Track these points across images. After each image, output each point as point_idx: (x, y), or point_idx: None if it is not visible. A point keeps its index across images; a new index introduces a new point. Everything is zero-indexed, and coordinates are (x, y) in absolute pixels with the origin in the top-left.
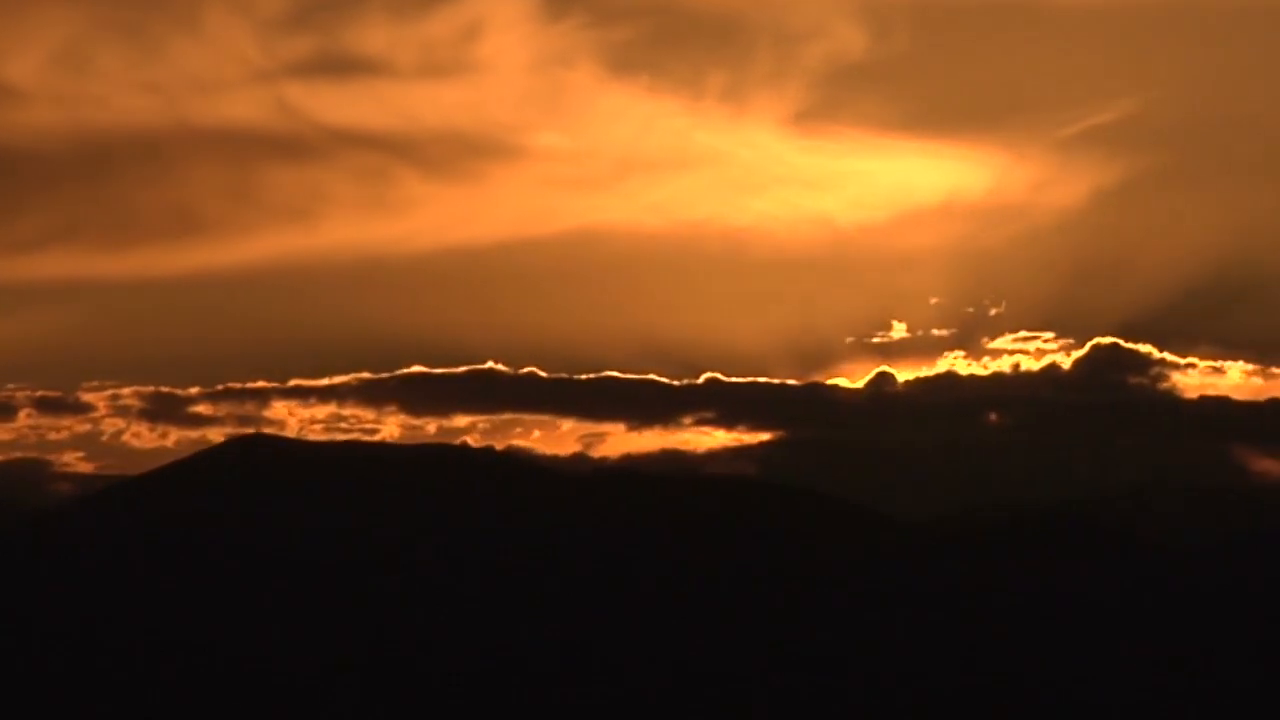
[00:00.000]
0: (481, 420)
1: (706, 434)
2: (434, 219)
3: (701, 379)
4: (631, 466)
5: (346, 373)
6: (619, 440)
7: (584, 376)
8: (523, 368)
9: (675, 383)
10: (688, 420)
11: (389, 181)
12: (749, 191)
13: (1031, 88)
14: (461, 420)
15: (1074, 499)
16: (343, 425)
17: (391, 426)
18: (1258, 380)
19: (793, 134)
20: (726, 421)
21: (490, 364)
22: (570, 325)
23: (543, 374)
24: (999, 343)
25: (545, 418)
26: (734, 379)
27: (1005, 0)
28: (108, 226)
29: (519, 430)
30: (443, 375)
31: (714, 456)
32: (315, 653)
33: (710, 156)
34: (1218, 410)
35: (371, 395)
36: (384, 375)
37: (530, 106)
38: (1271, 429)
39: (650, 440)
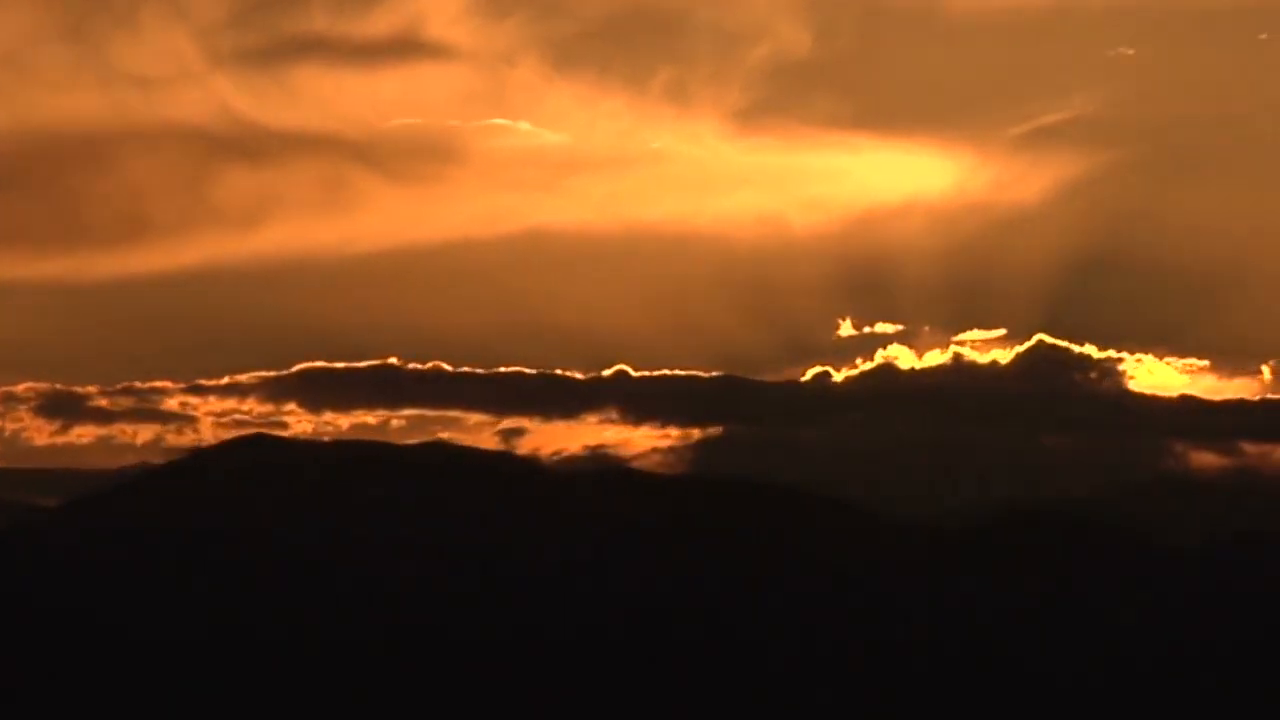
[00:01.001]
0: (390, 415)
1: (630, 430)
2: (378, 219)
3: (609, 371)
4: (621, 465)
5: (249, 370)
6: (538, 436)
7: (483, 371)
8: (429, 362)
9: (579, 376)
10: (594, 417)
11: (332, 181)
12: (696, 189)
13: (981, 86)
14: (368, 416)
15: (1074, 499)
16: (243, 421)
17: (305, 424)
18: (1213, 379)
19: (739, 131)
20: (637, 417)
21: (392, 359)
22: (488, 321)
23: (448, 367)
24: (945, 340)
25: (455, 413)
26: (643, 372)
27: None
28: (48, 228)
29: (439, 426)
30: (345, 370)
31: (643, 455)
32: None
33: (656, 154)
34: (1172, 410)
35: (271, 392)
36: (283, 372)
37: (474, 104)
38: (1228, 429)
39: (572, 436)
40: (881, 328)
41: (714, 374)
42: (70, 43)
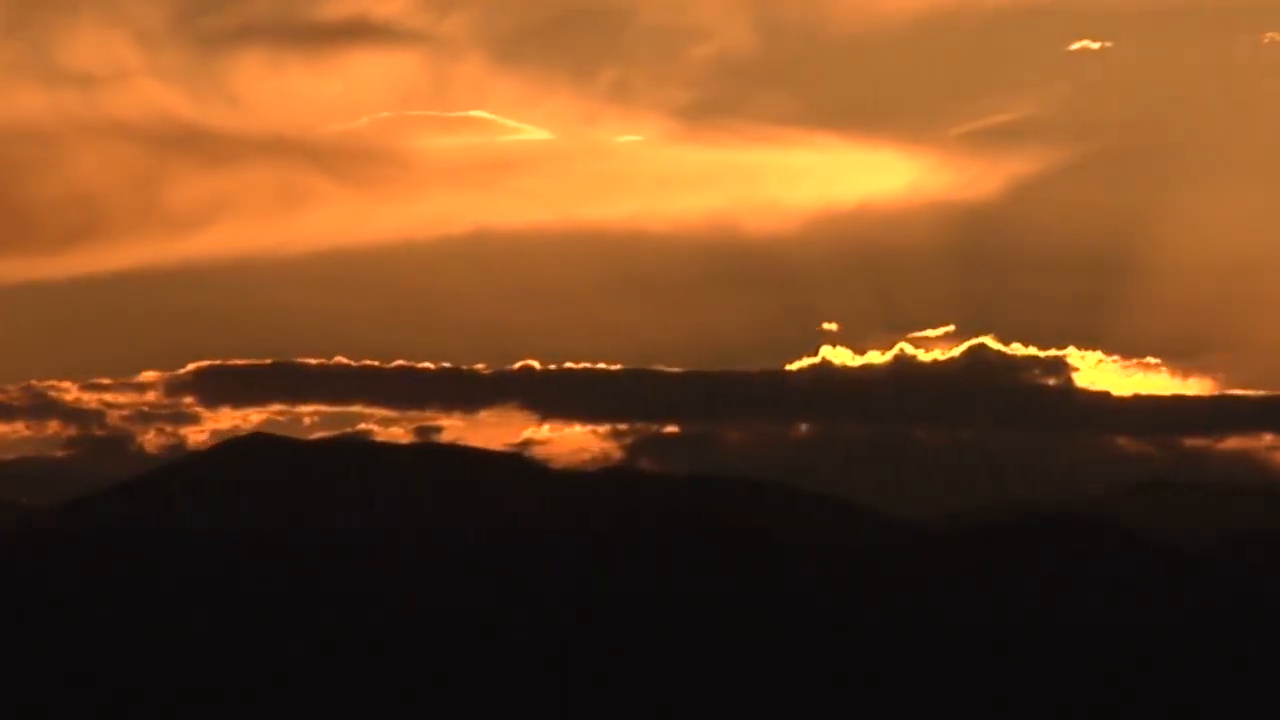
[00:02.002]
0: (286, 410)
1: (563, 427)
2: (322, 218)
3: (516, 366)
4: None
5: (142, 370)
6: (454, 431)
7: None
8: (333, 358)
9: (481, 369)
10: (507, 408)
11: (274, 181)
12: (639, 188)
13: (926, 87)
14: (267, 412)
15: (1074, 499)
16: (147, 415)
17: (209, 421)
18: (1164, 377)
19: (686, 129)
20: (565, 415)
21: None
22: (429, 320)
23: (349, 362)
24: (887, 340)
25: (368, 410)
26: (550, 367)
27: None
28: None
29: (359, 422)
30: (241, 367)
31: (574, 452)
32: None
33: (599, 152)
34: (1121, 407)
35: (169, 389)
36: (178, 371)
37: (417, 102)
38: (1177, 426)
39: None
40: (828, 326)
41: (613, 367)
42: (14, 39)
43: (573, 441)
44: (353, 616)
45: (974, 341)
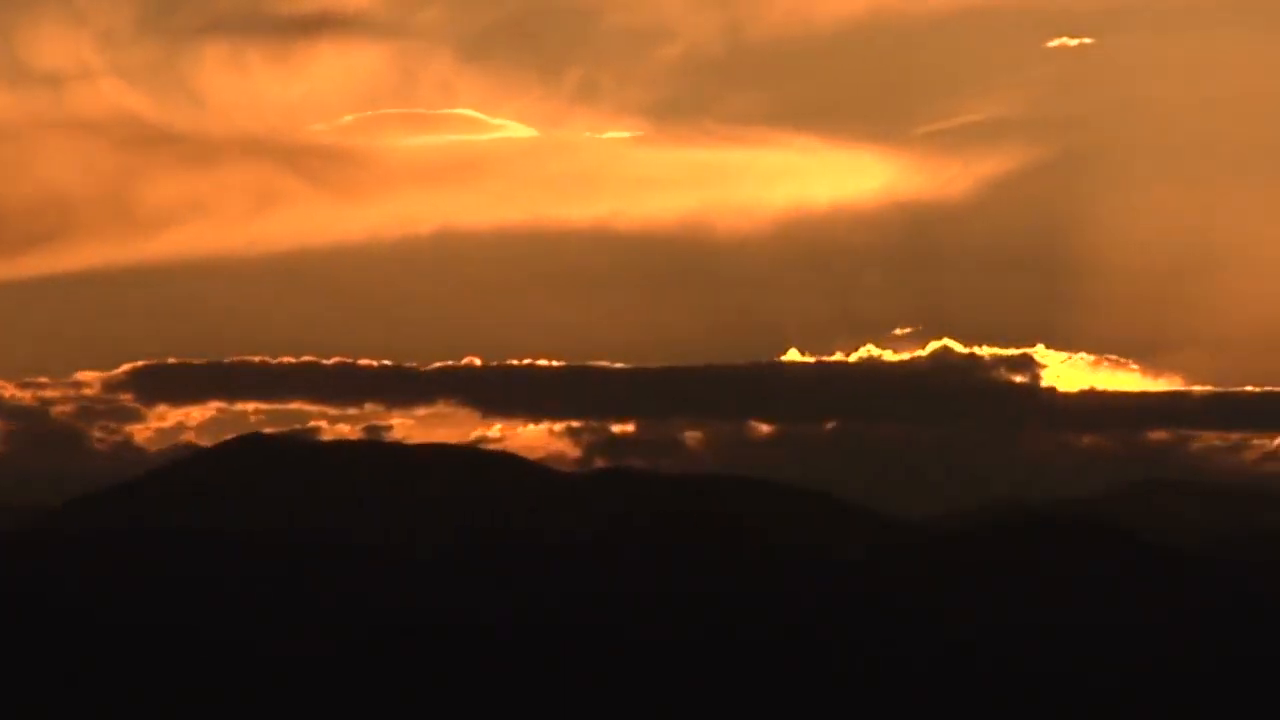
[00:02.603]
0: (225, 408)
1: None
2: (285, 220)
3: (462, 362)
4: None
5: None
6: (403, 429)
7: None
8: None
9: (416, 366)
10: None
11: (239, 183)
12: (608, 188)
13: (900, 86)
14: (198, 411)
15: (1075, 499)
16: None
17: (150, 418)
18: (1138, 377)
19: (652, 130)
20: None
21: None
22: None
23: (271, 360)
24: (855, 342)
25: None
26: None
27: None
28: None
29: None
30: (175, 366)
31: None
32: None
33: (568, 152)
34: (1092, 406)
35: (108, 387)
36: (114, 371)
37: (383, 100)
38: (1147, 425)
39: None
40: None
41: (552, 362)
42: None
43: (527, 439)
44: (352, 617)
45: (939, 343)
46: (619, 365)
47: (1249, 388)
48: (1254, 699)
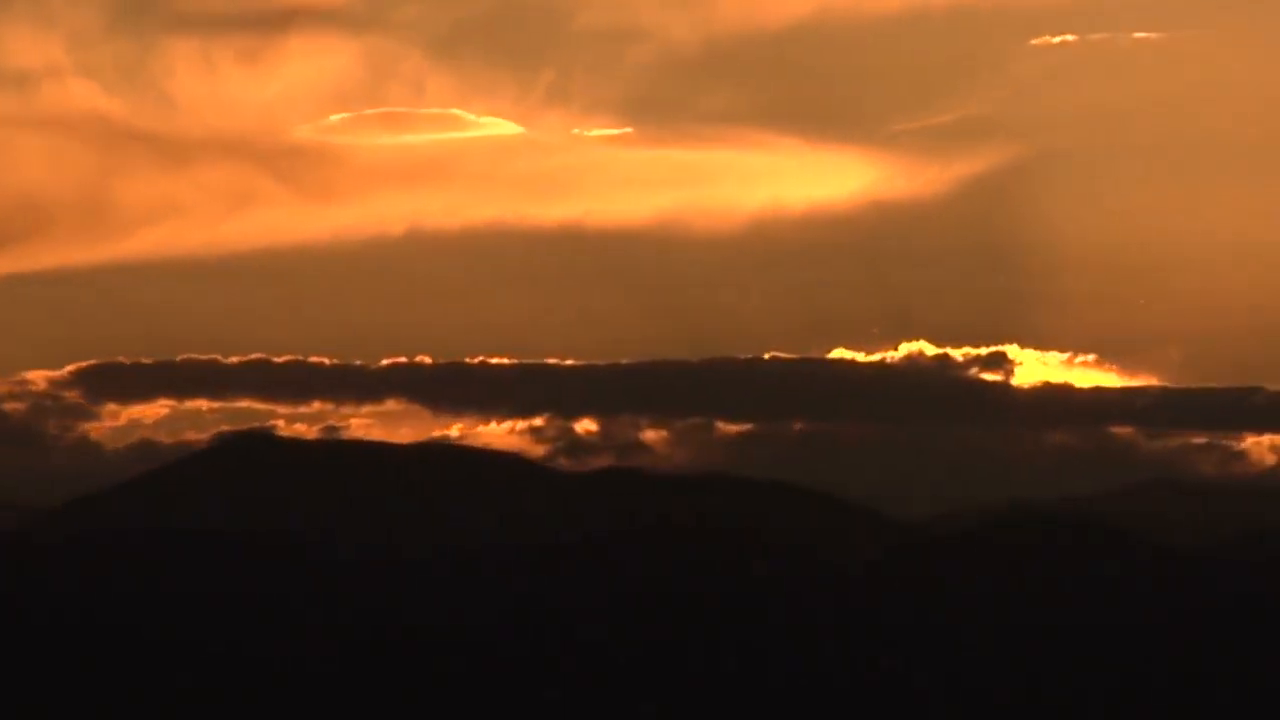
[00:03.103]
0: (175, 406)
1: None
2: (255, 220)
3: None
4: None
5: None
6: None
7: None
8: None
9: (364, 364)
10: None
11: (210, 182)
12: (581, 188)
13: (881, 85)
14: (147, 409)
15: (1075, 498)
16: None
17: (103, 417)
18: (1112, 375)
19: (626, 130)
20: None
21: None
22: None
23: (221, 358)
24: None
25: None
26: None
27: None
28: None
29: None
30: (125, 365)
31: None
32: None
33: (541, 152)
34: (1065, 404)
35: (55, 385)
36: (60, 370)
37: (354, 100)
38: (1120, 422)
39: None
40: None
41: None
42: None
43: (488, 438)
44: (352, 616)
45: (912, 344)
46: (569, 362)
47: (1212, 384)
48: (1254, 699)
